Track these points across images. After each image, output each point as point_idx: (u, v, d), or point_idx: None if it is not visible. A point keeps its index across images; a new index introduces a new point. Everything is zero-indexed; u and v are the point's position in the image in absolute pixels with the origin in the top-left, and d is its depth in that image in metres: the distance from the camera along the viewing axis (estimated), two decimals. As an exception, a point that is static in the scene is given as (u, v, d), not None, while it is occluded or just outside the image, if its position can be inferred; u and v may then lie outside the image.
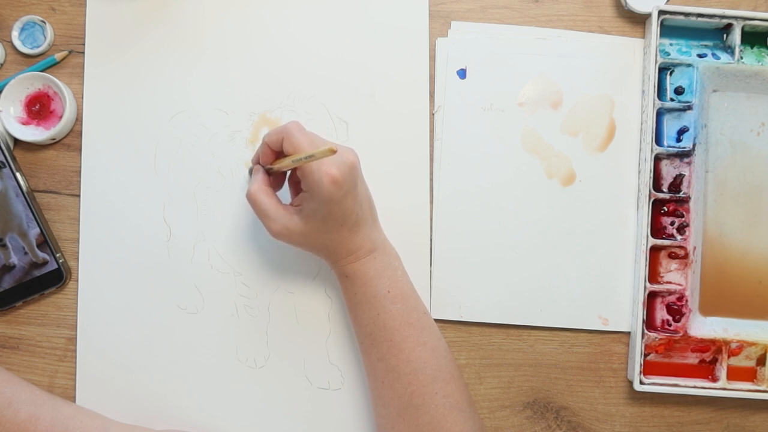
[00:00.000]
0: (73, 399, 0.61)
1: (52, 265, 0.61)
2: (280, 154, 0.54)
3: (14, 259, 0.61)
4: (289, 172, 0.58)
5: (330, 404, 0.61)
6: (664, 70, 0.62)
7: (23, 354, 0.62)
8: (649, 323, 0.61)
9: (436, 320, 0.62)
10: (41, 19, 0.62)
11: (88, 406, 0.60)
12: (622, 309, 0.62)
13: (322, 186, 0.51)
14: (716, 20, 0.61)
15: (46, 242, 0.61)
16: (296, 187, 0.58)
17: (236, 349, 0.62)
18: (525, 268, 0.62)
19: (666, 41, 0.62)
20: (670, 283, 0.61)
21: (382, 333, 0.55)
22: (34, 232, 0.61)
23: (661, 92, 0.61)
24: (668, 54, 0.62)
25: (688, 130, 0.61)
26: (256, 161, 0.57)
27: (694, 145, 0.61)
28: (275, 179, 0.57)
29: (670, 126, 0.62)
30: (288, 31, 0.63)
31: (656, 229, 0.61)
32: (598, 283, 0.62)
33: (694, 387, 0.60)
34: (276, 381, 0.62)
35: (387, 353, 0.54)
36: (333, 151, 0.46)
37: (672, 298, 0.61)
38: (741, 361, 0.61)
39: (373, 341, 0.55)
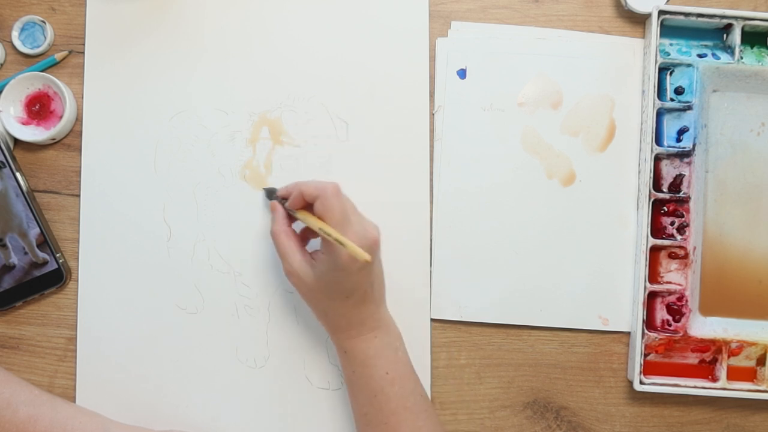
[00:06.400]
0: (73, 399, 0.61)
1: (52, 265, 0.61)
2: (309, 204, 0.54)
3: (14, 259, 0.61)
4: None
5: (330, 404, 0.61)
6: (664, 70, 0.62)
7: (23, 354, 0.62)
8: (649, 323, 0.61)
9: (436, 320, 0.62)
10: (41, 19, 0.62)
11: (88, 406, 0.60)
12: (622, 309, 0.62)
13: (339, 255, 0.50)
14: (716, 20, 0.61)
15: (46, 242, 0.61)
16: (302, 237, 0.58)
17: (236, 349, 0.62)
18: (525, 268, 0.62)
19: (666, 41, 0.62)
20: (670, 283, 0.61)
21: (378, 415, 0.54)
22: (34, 232, 0.61)
23: (661, 92, 0.61)
24: (668, 54, 0.62)
25: (688, 130, 0.61)
26: (282, 196, 0.56)
27: (694, 145, 0.61)
28: (293, 217, 0.57)
29: (670, 126, 0.62)
30: (288, 32, 0.63)
31: (656, 229, 0.61)
32: (598, 283, 0.62)
33: (694, 387, 0.60)
34: (276, 381, 0.62)
35: None
36: (367, 262, 0.48)
37: (672, 298, 0.61)
38: (741, 361, 0.61)
39: (369, 422, 0.55)
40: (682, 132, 0.62)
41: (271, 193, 0.60)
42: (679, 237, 0.61)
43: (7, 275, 0.61)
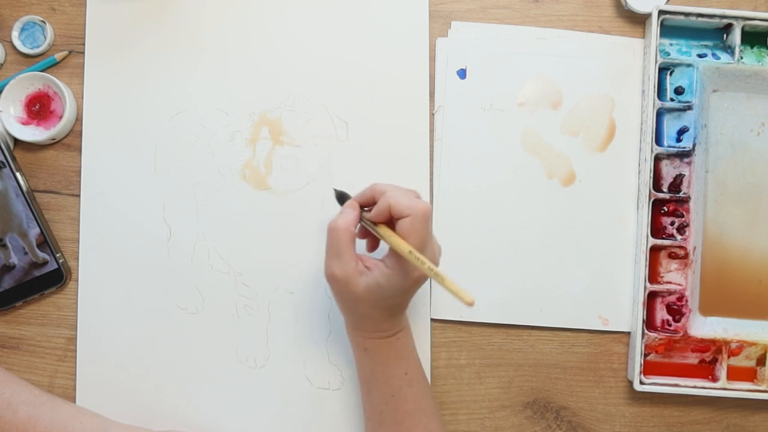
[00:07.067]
0: (73, 399, 0.61)
1: (52, 265, 0.61)
2: (390, 218, 0.51)
3: (14, 259, 0.61)
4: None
5: (330, 404, 0.61)
6: (664, 70, 0.62)
7: (23, 354, 0.62)
8: (649, 323, 0.61)
9: (436, 320, 0.62)
10: (41, 19, 0.62)
11: (88, 406, 0.60)
12: (622, 309, 0.62)
13: (406, 277, 0.50)
14: (716, 20, 0.61)
15: (46, 242, 0.61)
16: (371, 244, 0.57)
17: (236, 349, 0.62)
18: (525, 268, 0.62)
19: (666, 41, 0.62)
20: (670, 283, 0.61)
21: (393, 416, 0.54)
22: (34, 232, 0.61)
23: (661, 92, 0.61)
24: (668, 54, 0.62)
25: (688, 130, 0.61)
26: (361, 203, 0.53)
27: (694, 145, 0.61)
28: (363, 230, 0.55)
29: (670, 126, 0.62)
30: (288, 32, 0.63)
31: (656, 229, 0.61)
32: (598, 283, 0.62)
33: (694, 387, 0.60)
34: (276, 381, 0.62)
35: None
36: (470, 304, 0.46)
37: (672, 298, 0.61)
38: (741, 361, 0.61)
39: (382, 422, 0.54)
40: (682, 132, 0.62)
41: (342, 197, 0.55)
42: (679, 237, 0.61)
43: (7, 275, 0.61)
